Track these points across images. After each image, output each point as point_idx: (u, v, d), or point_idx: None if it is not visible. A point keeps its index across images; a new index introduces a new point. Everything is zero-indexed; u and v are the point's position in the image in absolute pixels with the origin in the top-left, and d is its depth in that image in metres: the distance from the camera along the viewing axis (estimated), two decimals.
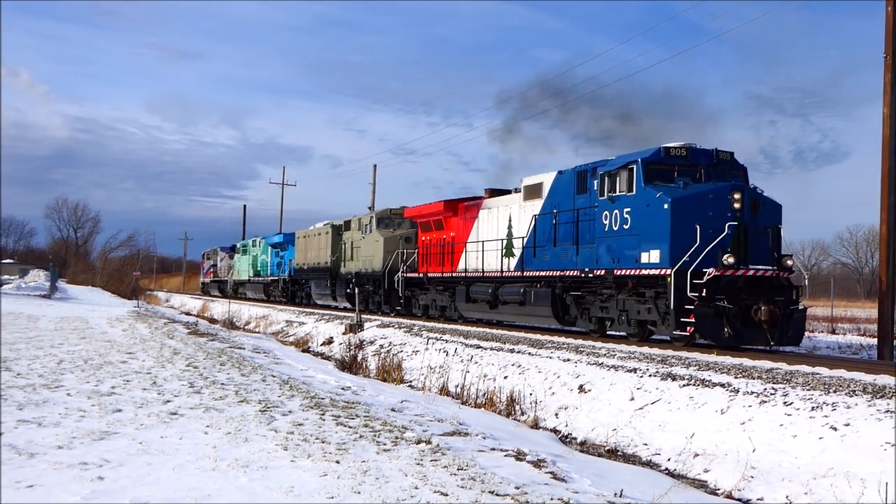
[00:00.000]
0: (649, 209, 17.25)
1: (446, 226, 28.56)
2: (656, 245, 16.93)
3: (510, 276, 23.53)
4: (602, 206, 18.95)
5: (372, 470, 7.64)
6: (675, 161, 17.81)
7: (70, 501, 6.34)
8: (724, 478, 9.29)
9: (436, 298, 29.47)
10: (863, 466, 8.37)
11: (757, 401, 10.89)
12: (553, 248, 21.36)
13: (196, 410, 10.70)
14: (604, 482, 7.97)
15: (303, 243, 45.14)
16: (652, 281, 17.23)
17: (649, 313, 17.73)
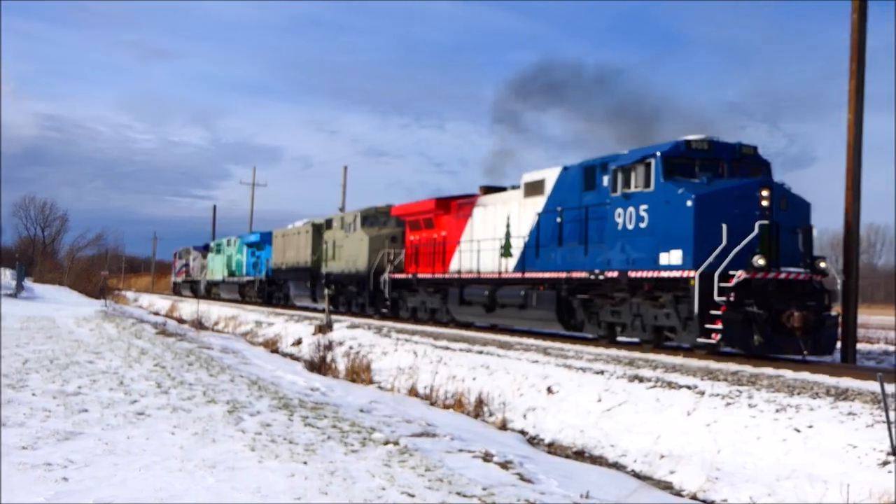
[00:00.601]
0: (669, 206, 15.92)
1: (437, 224, 27.15)
2: (678, 245, 15.57)
3: (509, 278, 22.20)
4: (615, 203, 17.64)
5: (339, 471, 7.63)
6: (696, 155, 16.53)
7: (34, 502, 6.24)
8: (689, 479, 9.31)
9: (425, 300, 27.99)
10: (825, 468, 8.45)
11: (722, 403, 10.95)
12: (558, 248, 19.99)
13: (163, 411, 10.64)
14: (571, 483, 8.00)
15: (281, 242, 43.85)
16: (672, 284, 15.94)
17: (668, 319, 16.31)
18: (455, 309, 25.33)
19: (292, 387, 14.40)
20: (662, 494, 8.60)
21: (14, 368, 14.41)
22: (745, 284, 14.49)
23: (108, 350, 19.22)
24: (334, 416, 10.91)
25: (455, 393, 14.32)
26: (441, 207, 26.76)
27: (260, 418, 10.46)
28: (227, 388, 13.22)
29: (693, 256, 15.04)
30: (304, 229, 39.80)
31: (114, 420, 9.87)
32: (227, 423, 9.94)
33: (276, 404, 11.73)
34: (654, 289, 16.44)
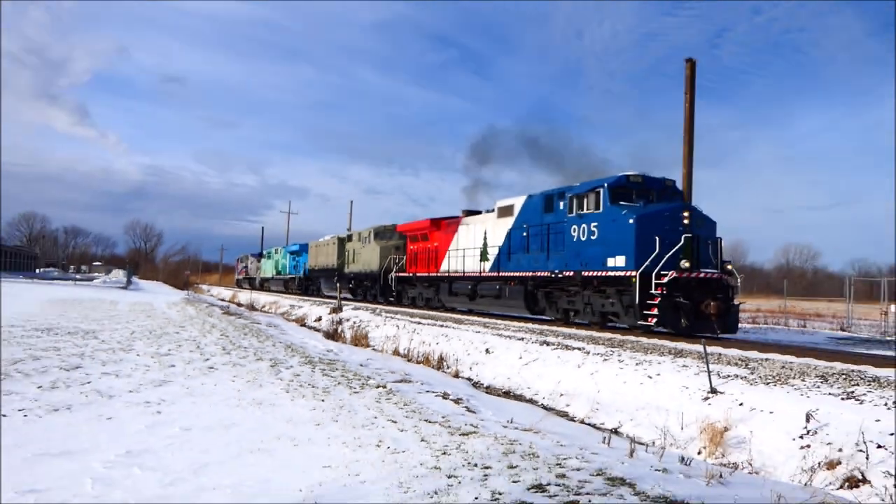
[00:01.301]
0: (615, 223, 15.23)
1: (431, 238, 26.24)
2: (622, 252, 14.93)
3: (488, 276, 21.34)
4: (570, 221, 16.82)
5: (346, 405, 7.63)
6: (633, 186, 15.85)
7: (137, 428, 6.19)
8: (579, 410, 9.39)
9: (422, 292, 27.17)
10: (668, 402, 8.55)
11: (601, 359, 11.01)
12: (526, 254, 19.05)
13: (226, 366, 10.56)
14: (501, 413, 8.03)
15: (314, 251, 42.96)
16: (616, 281, 15.26)
17: (613, 307, 15.62)
18: (445, 298, 24.76)
19: (314, 349, 14.27)
20: (561, 420, 8.66)
21: (124, 337, 14.22)
22: (675, 281, 14.05)
23: (189, 325, 18.96)
24: (343, 369, 10.85)
25: (424, 353, 14.28)
26: (434, 225, 26.16)
27: (292, 370, 10.39)
28: (270, 350, 13.10)
29: (634, 260, 14.50)
30: (332, 241, 38.90)
31: (192, 372, 9.77)
32: (270, 374, 9.87)
33: (303, 361, 11.64)
34: (602, 285, 15.89)
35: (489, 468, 5.08)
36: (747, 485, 4.99)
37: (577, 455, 5.57)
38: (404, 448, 5.73)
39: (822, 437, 6.60)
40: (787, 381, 8.39)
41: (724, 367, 9.48)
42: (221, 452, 5.58)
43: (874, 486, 5.62)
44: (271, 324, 22.54)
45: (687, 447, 7.30)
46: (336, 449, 5.74)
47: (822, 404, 7.18)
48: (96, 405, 7.22)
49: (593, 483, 4.71)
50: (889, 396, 7.24)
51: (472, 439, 6.10)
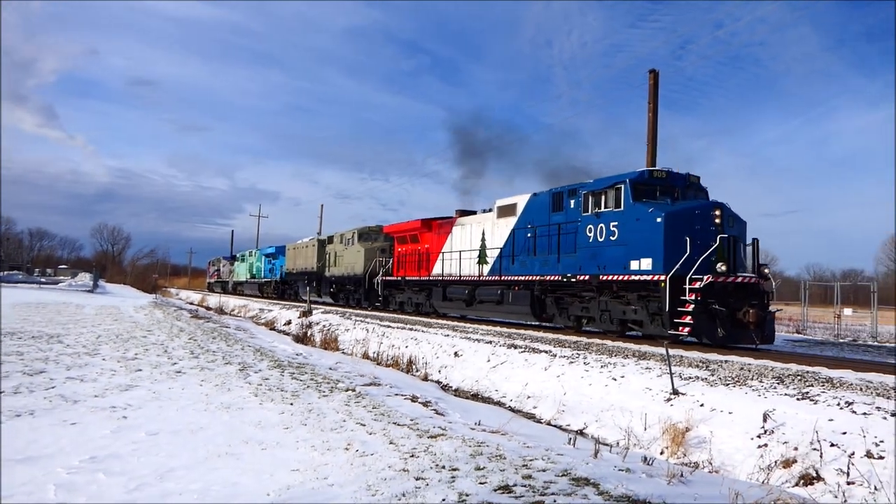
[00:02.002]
0: (640, 223, 13.58)
1: (421, 239, 24.37)
2: (648, 254, 13.30)
3: (487, 280, 19.44)
4: (585, 220, 15.14)
5: (315, 409, 7.57)
6: (656, 182, 14.20)
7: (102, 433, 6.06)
8: (545, 412, 9.44)
9: (412, 297, 25.22)
10: (632, 403, 8.65)
11: (567, 362, 11.09)
12: (532, 256, 17.27)
13: (194, 370, 10.40)
14: (469, 415, 8.04)
15: (292, 253, 40.96)
16: (641, 285, 13.60)
17: (636, 314, 13.96)
18: (438, 304, 22.86)
19: (284, 353, 14.13)
20: (528, 421, 8.68)
21: (90, 341, 13.91)
22: (709, 286, 12.52)
23: (157, 328, 18.63)
24: (312, 373, 10.76)
25: (394, 356, 14.23)
26: (425, 226, 24.25)
27: (261, 374, 10.27)
28: (239, 354, 12.94)
29: (663, 263, 12.89)
30: (311, 243, 37.10)
31: (160, 376, 9.60)
32: (239, 378, 9.75)
33: (272, 364, 11.52)
34: (622, 289, 14.25)
35: (457, 470, 5.09)
36: (707, 483, 5.07)
37: (543, 456, 5.61)
38: (373, 451, 5.71)
39: (778, 436, 6.74)
40: (745, 382, 8.55)
41: (685, 369, 9.63)
42: (188, 457, 5.50)
43: (828, 484, 5.76)
44: (240, 327, 22.26)
45: (650, 447, 7.39)
46: (304, 452, 5.69)
47: (779, 404, 7.34)
48: (60, 410, 7.06)
49: (558, 483, 4.75)
50: (841, 396, 7.43)
51: (441, 442, 6.10)
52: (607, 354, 11.42)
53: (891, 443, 5.98)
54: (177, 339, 15.70)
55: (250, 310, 34.62)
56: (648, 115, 19.47)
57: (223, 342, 15.46)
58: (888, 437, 6.08)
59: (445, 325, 18.38)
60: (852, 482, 5.65)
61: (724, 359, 10.90)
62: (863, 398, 7.30)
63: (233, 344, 15.13)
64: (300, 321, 23.33)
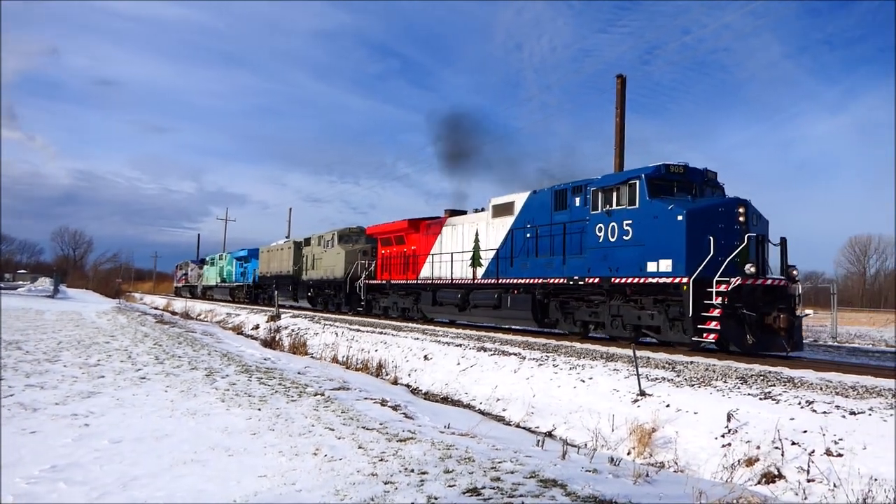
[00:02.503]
0: (658, 221, 12.52)
1: (407, 241, 22.97)
2: (667, 255, 12.26)
3: (483, 284, 18.17)
4: (595, 219, 14.04)
5: (283, 414, 7.52)
6: (673, 178, 13.19)
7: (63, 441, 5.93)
8: (515, 414, 9.50)
9: (397, 302, 23.69)
10: (600, 404, 8.74)
11: (536, 364, 11.17)
12: (534, 258, 16.10)
13: (159, 376, 10.24)
14: (438, 418, 8.08)
15: (266, 256, 39.28)
16: (659, 289, 12.54)
17: (652, 319, 12.88)
18: (427, 308, 21.35)
19: (251, 357, 13.99)
20: (497, 424, 8.74)
21: (50, 348, 13.61)
22: (737, 289, 11.50)
23: (121, 334, 18.29)
24: (280, 377, 10.67)
25: (363, 360, 14.18)
26: (412, 227, 22.79)
27: (228, 379, 10.16)
28: (206, 359, 12.77)
29: (685, 264, 11.89)
30: (287, 246, 35.45)
31: (123, 383, 9.45)
32: (205, 383, 9.63)
33: (240, 369, 11.40)
34: (636, 293, 13.18)
35: (426, 473, 5.10)
36: (672, 483, 5.16)
37: (512, 458, 5.65)
38: (341, 455, 5.69)
39: (741, 435, 6.89)
40: (710, 382, 8.71)
41: (652, 371, 9.77)
42: (153, 464, 5.42)
43: (789, 481, 5.90)
44: (207, 332, 21.97)
45: (617, 448, 7.48)
46: (272, 458, 5.65)
47: (742, 404, 7.50)
48: (19, 418, 6.90)
49: (527, 485, 4.79)
50: (802, 396, 7.62)
51: (410, 445, 6.10)
52: (576, 356, 11.53)
53: (849, 441, 6.16)
54: (141, 344, 15.44)
55: (217, 314, 34.18)
56: (616, 120, 19.75)
57: (189, 347, 15.25)
58: (847, 435, 6.25)
59: (415, 329, 18.37)
60: (812, 480, 5.80)
61: (689, 360, 11.08)
62: (823, 397, 7.49)
63: (199, 349, 14.93)
64: (268, 325, 23.13)
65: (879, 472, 5.55)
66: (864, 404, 7.02)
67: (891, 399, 7.27)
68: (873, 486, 5.34)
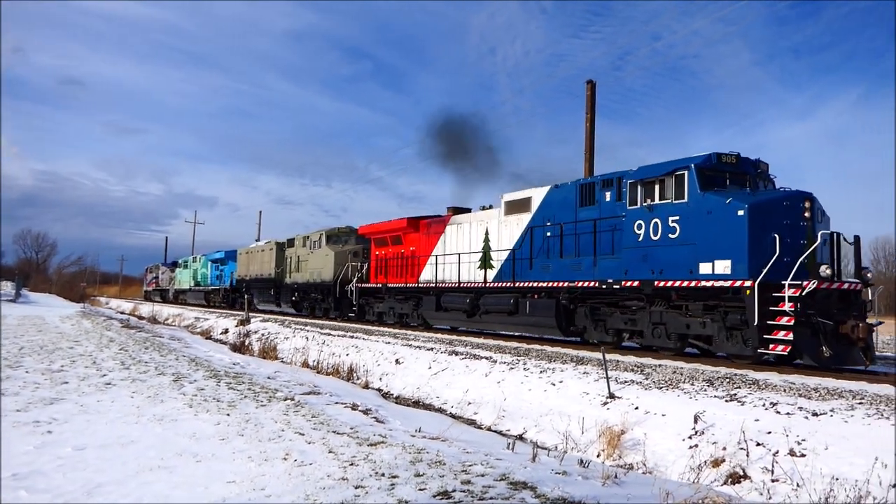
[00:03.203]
0: (713, 217, 11.15)
1: (405, 241, 21.38)
2: (725, 255, 10.88)
3: (496, 287, 16.60)
4: (633, 215, 12.64)
5: (252, 419, 7.47)
6: (725, 168, 11.87)
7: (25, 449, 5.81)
8: (486, 417, 9.52)
9: (394, 307, 22.01)
10: (570, 407, 8.78)
11: (507, 367, 11.21)
12: (558, 259, 14.66)
13: (125, 381, 10.11)
14: (409, 423, 8.08)
15: (245, 259, 37.17)
16: (713, 293, 11.20)
17: (703, 328, 11.48)
18: (430, 314, 19.60)
19: (220, 362, 13.86)
20: (468, 427, 8.77)
21: (12, 353, 13.34)
22: (810, 295, 10.10)
23: (85, 339, 17.96)
24: (250, 382, 10.59)
25: (334, 364, 14.10)
26: (411, 226, 21.09)
27: (196, 384, 10.06)
28: (173, 364, 12.62)
29: (748, 266, 10.55)
30: (269, 247, 33.33)
31: (87, 389, 9.30)
32: (173, 389, 9.52)
33: (208, 374, 11.29)
34: (683, 297, 11.87)
35: (396, 477, 5.10)
36: (639, 484, 5.24)
37: (483, 461, 5.68)
38: (311, 460, 5.67)
39: (708, 436, 7.00)
40: (678, 385, 8.85)
41: (621, 374, 9.88)
42: (118, 471, 5.34)
43: (754, 482, 6.02)
44: (175, 337, 21.69)
45: (587, 450, 7.54)
46: (241, 463, 5.61)
47: (709, 406, 7.63)
48: None
49: (497, 488, 4.82)
50: (766, 397, 7.78)
51: (380, 449, 6.10)
52: (546, 360, 11.61)
53: (812, 441, 6.31)
54: (106, 349, 15.19)
55: (185, 319, 33.72)
56: (586, 125, 19.98)
57: (156, 352, 15.03)
58: (809, 436, 6.40)
59: (387, 333, 18.33)
60: (776, 480, 5.92)
61: (657, 363, 11.24)
62: (786, 399, 7.65)
63: (166, 354, 14.73)
64: (238, 330, 22.87)
65: (841, 472, 5.68)
66: (826, 405, 7.19)
67: (851, 400, 7.46)
68: (835, 486, 5.47)
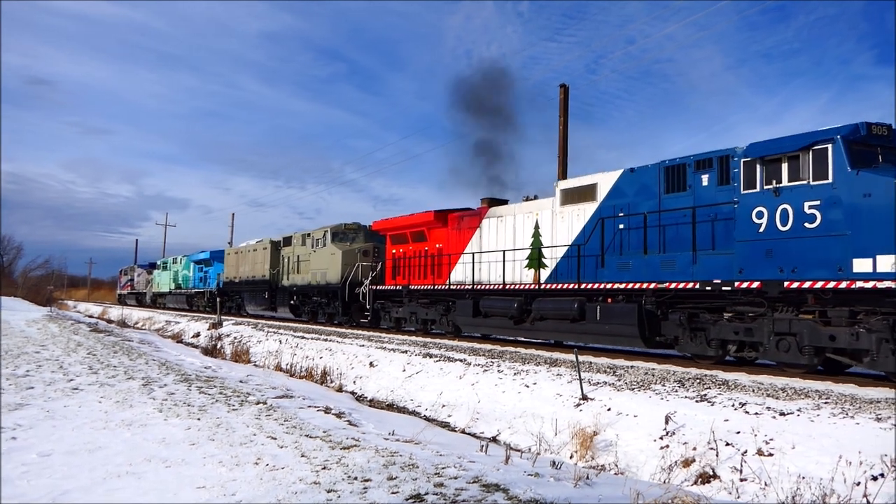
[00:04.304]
0: (871, 202, 9.05)
1: (430, 237, 19.07)
2: (890, 249, 8.78)
3: (556, 289, 14.13)
4: (749, 201, 10.50)
5: (224, 423, 7.42)
6: (876, 141, 9.81)
7: None
8: (460, 420, 9.54)
9: (416, 312, 19.20)
10: (543, 409, 8.82)
11: (482, 370, 11.23)
12: (641, 255, 12.38)
13: (93, 386, 9.97)
14: (383, 426, 8.08)
15: (233, 259, 34.20)
16: (871, 297, 9.09)
17: (857, 340, 9.14)
18: (465, 320, 16.86)
19: (191, 366, 13.70)
20: (442, 430, 8.78)
21: None
22: None
23: (52, 343, 17.62)
24: (221, 386, 10.48)
25: (307, 367, 14.01)
26: (439, 220, 18.67)
27: (166, 389, 9.94)
28: (143, 369, 12.44)
29: None
30: (262, 246, 30.75)
31: (54, 394, 9.15)
32: (142, 393, 9.40)
33: (179, 379, 11.16)
34: (823, 301, 9.71)
35: (369, 481, 5.09)
36: (611, 485, 5.30)
37: (456, 464, 5.69)
38: (283, 464, 5.63)
39: (679, 437, 7.10)
40: (649, 386, 8.96)
41: (594, 375, 9.97)
42: (85, 478, 5.26)
43: (723, 481, 6.11)
44: (145, 341, 21.38)
45: (560, 452, 7.60)
46: (211, 468, 5.55)
47: (680, 407, 7.74)
48: None
49: (469, 490, 4.84)
50: (736, 398, 7.91)
51: (353, 453, 6.08)
52: (520, 362, 11.67)
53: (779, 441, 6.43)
54: (74, 354, 14.92)
55: (156, 322, 33.27)
56: (559, 128, 20.14)
57: (125, 356, 14.81)
58: (777, 435, 6.52)
59: (360, 336, 18.25)
60: (745, 479, 6.03)
61: (630, 364, 11.36)
62: (755, 399, 7.79)
63: (136, 358, 14.52)
64: (210, 333, 22.62)
65: (807, 471, 5.80)
66: (793, 405, 7.33)
67: (818, 400, 7.62)
68: (801, 485, 5.58)
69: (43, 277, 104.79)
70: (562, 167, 19.75)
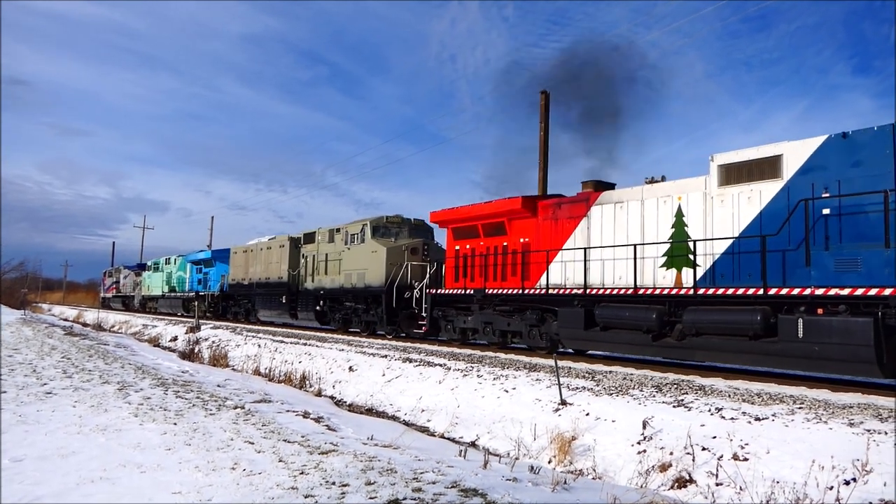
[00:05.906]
0: None
1: (511, 230, 15.35)
2: None
3: (722, 295, 10.37)
4: None
5: (200, 428, 7.34)
6: None
7: None
8: (439, 424, 9.55)
9: (493, 321, 15.35)
10: (523, 414, 8.87)
11: (461, 374, 11.26)
12: (882, 250, 8.66)
13: (67, 390, 9.81)
14: (362, 430, 8.05)
15: (242, 258, 30.03)
16: None
17: None
18: (573, 333, 12.99)
19: (168, 370, 13.56)
20: (421, 435, 8.76)
21: None
22: None
23: (25, 347, 17.32)
24: (198, 390, 10.38)
25: (286, 372, 13.91)
26: (526, 208, 14.91)
27: (143, 393, 9.81)
28: (118, 373, 12.28)
29: None
30: (278, 244, 26.86)
31: (27, 398, 8.99)
32: (117, 398, 9.27)
33: (155, 383, 11.03)
34: None
35: (347, 486, 5.07)
36: (588, 489, 5.32)
37: (434, 469, 5.68)
38: (261, 469, 5.59)
39: (656, 442, 7.16)
40: (627, 391, 9.02)
41: (573, 380, 10.02)
42: (58, 483, 5.19)
43: (699, 486, 6.17)
44: (121, 344, 21.11)
45: (539, 456, 7.63)
46: (188, 473, 5.49)
47: (657, 412, 7.80)
48: None
49: (448, 495, 4.83)
50: (712, 403, 7.99)
51: (331, 457, 6.05)
52: (500, 367, 11.69)
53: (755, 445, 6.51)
54: (48, 357, 14.69)
55: (133, 326, 32.83)
56: (540, 135, 20.24)
57: (101, 360, 14.61)
58: (752, 440, 6.60)
59: (340, 340, 18.17)
60: (721, 484, 6.09)
61: (608, 369, 11.43)
62: (731, 404, 7.88)
63: (112, 362, 14.33)
64: (188, 337, 22.39)
65: (781, 476, 5.88)
66: (768, 410, 7.43)
67: (792, 405, 7.73)
68: (776, 489, 5.65)
69: (17, 280, 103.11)
70: (542, 173, 19.85)
